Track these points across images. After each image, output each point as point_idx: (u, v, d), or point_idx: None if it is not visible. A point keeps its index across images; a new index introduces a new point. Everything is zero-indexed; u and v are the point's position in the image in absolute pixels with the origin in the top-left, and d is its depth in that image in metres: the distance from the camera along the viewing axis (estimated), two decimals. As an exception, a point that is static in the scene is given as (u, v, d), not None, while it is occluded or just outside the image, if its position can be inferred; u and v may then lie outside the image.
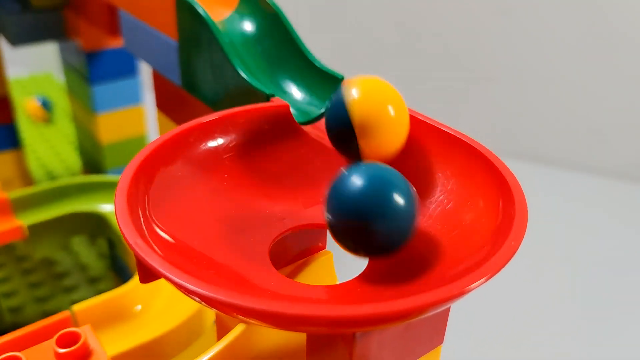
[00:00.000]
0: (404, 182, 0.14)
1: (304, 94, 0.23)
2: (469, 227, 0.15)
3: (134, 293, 0.26)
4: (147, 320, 0.26)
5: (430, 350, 0.17)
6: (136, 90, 0.42)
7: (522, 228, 0.14)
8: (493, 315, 0.44)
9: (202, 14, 0.23)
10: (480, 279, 0.12)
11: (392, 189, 0.14)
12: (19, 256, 0.39)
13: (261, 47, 0.24)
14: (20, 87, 0.63)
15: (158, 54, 0.28)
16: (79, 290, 0.36)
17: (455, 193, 0.17)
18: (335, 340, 0.15)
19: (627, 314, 0.45)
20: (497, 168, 0.16)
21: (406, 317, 0.12)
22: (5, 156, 0.43)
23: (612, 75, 0.64)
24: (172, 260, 0.14)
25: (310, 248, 0.20)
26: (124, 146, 0.42)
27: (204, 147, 0.18)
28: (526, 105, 0.69)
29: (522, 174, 0.18)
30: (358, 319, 0.12)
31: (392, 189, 0.14)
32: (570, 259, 0.51)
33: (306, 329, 0.13)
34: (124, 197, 0.15)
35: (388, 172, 0.14)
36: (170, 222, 0.16)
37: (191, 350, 0.26)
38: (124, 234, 0.14)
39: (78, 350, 0.20)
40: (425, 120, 0.18)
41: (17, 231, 0.31)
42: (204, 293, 0.12)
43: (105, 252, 0.39)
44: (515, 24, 0.66)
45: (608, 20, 0.62)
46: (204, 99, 0.25)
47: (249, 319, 0.12)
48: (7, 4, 0.38)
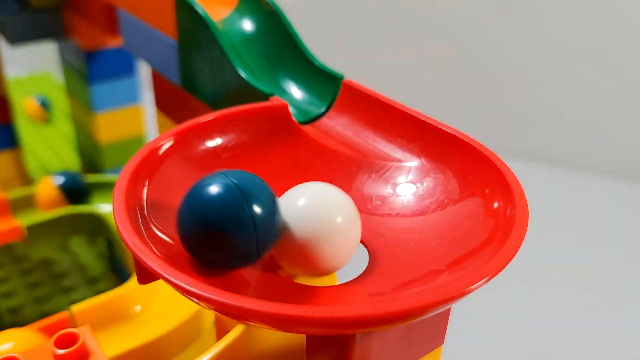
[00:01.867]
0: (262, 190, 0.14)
1: (303, 93, 0.23)
2: (470, 227, 0.15)
3: (133, 293, 0.26)
4: (146, 321, 0.25)
5: (430, 351, 0.17)
6: (135, 89, 0.42)
7: (522, 228, 0.14)
8: (494, 316, 0.44)
9: (202, 13, 0.23)
10: (481, 279, 0.12)
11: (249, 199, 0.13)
12: (18, 256, 0.39)
13: (261, 47, 0.24)
14: (19, 87, 0.63)
15: (157, 54, 0.28)
16: (77, 291, 0.36)
17: (455, 193, 0.17)
18: (334, 342, 0.15)
19: (627, 314, 0.45)
20: (498, 168, 0.16)
21: (406, 317, 0.12)
22: (4, 156, 0.43)
23: (612, 75, 0.64)
24: (170, 261, 0.14)
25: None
26: (123, 146, 0.42)
27: (202, 146, 0.18)
28: (526, 105, 0.69)
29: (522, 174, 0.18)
30: (358, 320, 0.11)
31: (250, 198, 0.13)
32: (571, 259, 0.51)
33: (306, 330, 0.12)
34: (122, 197, 0.15)
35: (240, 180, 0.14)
36: (169, 222, 0.16)
37: (190, 350, 0.26)
38: (122, 234, 0.14)
39: (77, 351, 0.20)
40: (425, 119, 0.18)
41: (16, 231, 0.31)
42: (202, 294, 0.12)
43: (104, 252, 0.39)
44: (515, 22, 0.66)
45: (608, 20, 0.62)
46: (203, 98, 0.25)
47: (248, 320, 0.12)
48: (6, 3, 0.38)
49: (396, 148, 0.19)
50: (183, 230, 0.14)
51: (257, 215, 0.13)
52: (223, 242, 0.13)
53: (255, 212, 0.13)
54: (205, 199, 0.13)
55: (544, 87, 0.68)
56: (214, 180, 0.13)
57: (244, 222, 0.13)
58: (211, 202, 0.13)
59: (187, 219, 0.13)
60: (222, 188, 0.13)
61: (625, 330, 0.44)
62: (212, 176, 0.14)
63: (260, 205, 0.13)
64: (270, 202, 0.14)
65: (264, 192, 0.14)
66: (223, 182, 0.13)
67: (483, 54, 0.69)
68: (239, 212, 0.13)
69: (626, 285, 0.48)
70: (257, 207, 0.13)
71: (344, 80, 0.21)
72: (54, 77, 0.66)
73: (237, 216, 0.13)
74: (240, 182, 0.13)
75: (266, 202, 0.14)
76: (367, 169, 0.19)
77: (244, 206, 0.13)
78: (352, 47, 0.74)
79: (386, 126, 0.19)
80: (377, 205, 0.17)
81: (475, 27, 0.68)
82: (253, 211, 0.13)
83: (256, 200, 0.13)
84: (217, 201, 0.13)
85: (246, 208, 0.13)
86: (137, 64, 0.42)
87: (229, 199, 0.13)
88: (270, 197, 0.14)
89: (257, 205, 0.13)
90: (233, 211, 0.13)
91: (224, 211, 0.13)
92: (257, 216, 0.13)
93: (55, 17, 0.39)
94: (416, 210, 0.17)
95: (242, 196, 0.13)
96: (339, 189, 0.15)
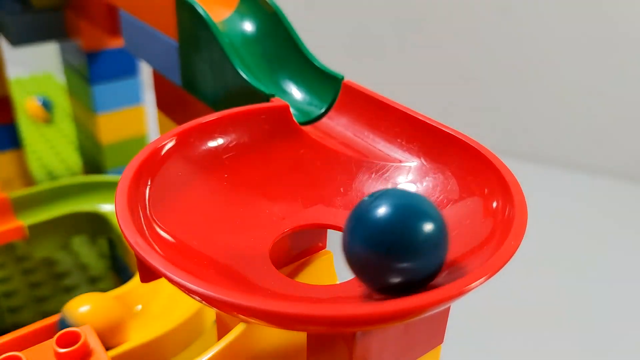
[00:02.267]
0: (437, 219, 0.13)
1: (304, 94, 0.23)
2: (469, 226, 0.15)
3: (134, 293, 0.26)
4: (147, 320, 0.26)
5: (430, 349, 0.17)
6: (136, 90, 0.42)
7: (521, 228, 0.14)
8: (493, 315, 0.44)
9: (202, 14, 0.23)
10: (479, 278, 0.12)
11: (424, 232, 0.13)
12: (19, 256, 0.39)
13: (261, 47, 0.24)
14: (20, 87, 0.63)
15: (158, 54, 0.28)
16: (79, 290, 0.36)
17: (455, 193, 0.17)
18: (335, 340, 0.15)
19: (627, 314, 0.45)
20: (497, 168, 0.16)
21: (406, 316, 0.12)
22: (6, 156, 0.43)
23: (612, 74, 0.64)
24: (173, 259, 0.14)
25: (310, 248, 0.20)
26: (124, 146, 0.42)
27: (204, 147, 0.18)
28: (526, 105, 0.69)
29: (522, 174, 0.18)
30: (358, 319, 0.12)
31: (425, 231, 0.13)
32: (570, 258, 0.51)
33: (306, 328, 0.13)
34: (124, 197, 0.15)
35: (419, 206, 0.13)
36: (171, 221, 0.16)
37: (192, 349, 0.26)
38: (125, 233, 0.14)
39: (78, 350, 0.20)
40: (425, 120, 0.18)
41: (18, 231, 0.31)
42: (204, 292, 0.12)
43: (105, 252, 0.39)
44: (515, 22, 0.66)
45: (608, 20, 0.62)
46: (204, 99, 0.25)
47: (249, 319, 0.12)
48: (7, 4, 0.38)
49: (396, 148, 0.19)
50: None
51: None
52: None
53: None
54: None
55: (543, 87, 0.68)
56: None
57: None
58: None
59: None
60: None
61: (625, 329, 0.44)
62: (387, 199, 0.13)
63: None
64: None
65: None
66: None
67: (483, 54, 0.69)
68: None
69: (626, 285, 0.48)
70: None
71: (344, 80, 0.21)
72: (56, 77, 0.66)
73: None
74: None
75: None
76: (367, 169, 0.19)
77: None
78: (352, 48, 0.74)
79: (386, 126, 0.19)
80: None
81: (475, 26, 0.68)
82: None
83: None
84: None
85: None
86: (139, 65, 0.42)
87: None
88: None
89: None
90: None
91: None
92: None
93: (57, 17, 0.39)
94: (416, 210, 0.17)
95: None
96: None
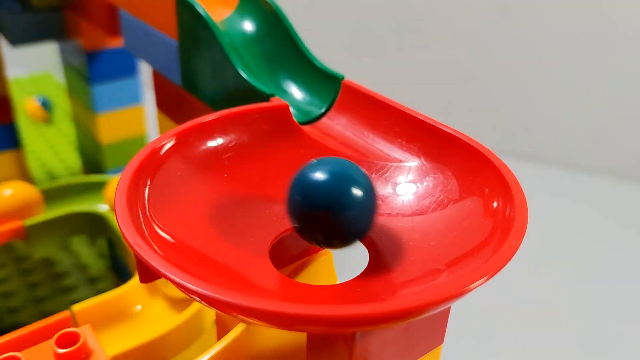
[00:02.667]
0: (363, 176, 0.15)
1: (304, 93, 0.23)
2: (469, 227, 0.15)
3: (134, 293, 0.26)
4: (147, 320, 0.25)
5: (430, 350, 0.17)
6: (136, 90, 0.42)
7: (522, 228, 0.14)
8: (493, 315, 0.44)
9: (202, 13, 0.23)
10: (480, 278, 0.12)
11: (352, 183, 0.15)
12: (19, 256, 0.39)
13: (261, 47, 0.24)
14: (20, 87, 0.63)
15: (158, 54, 0.28)
16: (78, 291, 0.36)
17: (455, 193, 0.17)
18: (335, 340, 0.15)
19: (627, 314, 0.45)
20: (498, 168, 0.16)
21: (406, 316, 0.12)
22: (5, 156, 0.43)
23: (612, 74, 0.64)
24: (172, 259, 0.14)
25: (310, 248, 0.20)
26: (124, 146, 0.42)
27: (203, 147, 0.18)
28: (526, 105, 0.69)
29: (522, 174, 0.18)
30: (358, 319, 0.12)
31: (352, 182, 0.15)
32: (570, 258, 0.51)
33: (306, 328, 0.13)
34: (123, 197, 0.15)
35: (348, 166, 0.15)
36: (170, 221, 0.16)
37: (191, 350, 0.26)
38: (124, 233, 0.14)
39: (78, 350, 0.20)
40: (425, 120, 0.18)
41: (17, 231, 0.31)
42: (204, 292, 0.12)
43: (105, 252, 0.39)
44: (515, 22, 0.66)
45: (608, 20, 0.62)
46: (204, 98, 0.25)
47: (249, 319, 0.12)
48: (7, 4, 0.38)
49: (396, 148, 0.19)
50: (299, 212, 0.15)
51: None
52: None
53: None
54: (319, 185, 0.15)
55: (543, 87, 0.68)
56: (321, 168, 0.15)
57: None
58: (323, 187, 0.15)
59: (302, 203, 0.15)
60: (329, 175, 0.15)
61: (625, 329, 0.44)
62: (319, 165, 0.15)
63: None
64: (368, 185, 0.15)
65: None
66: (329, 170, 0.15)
67: (482, 54, 0.69)
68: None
69: (626, 285, 0.48)
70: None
71: (344, 80, 0.21)
72: (55, 77, 0.66)
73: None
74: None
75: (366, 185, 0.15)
76: (367, 169, 0.19)
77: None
78: (352, 47, 0.74)
79: (386, 126, 0.19)
80: (377, 204, 0.17)
81: (474, 26, 0.68)
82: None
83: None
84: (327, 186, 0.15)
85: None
86: (138, 65, 0.42)
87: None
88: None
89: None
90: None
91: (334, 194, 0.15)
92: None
93: (57, 17, 0.39)
94: (416, 210, 0.17)
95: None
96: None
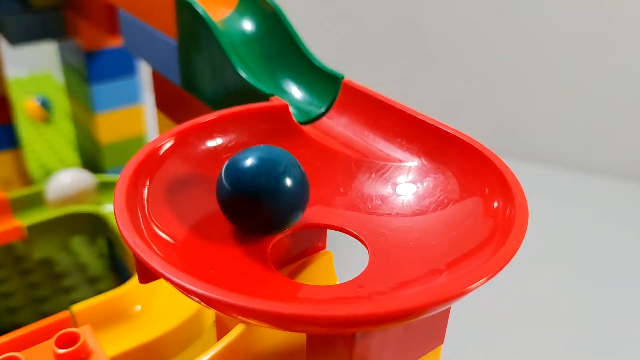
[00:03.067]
0: (292, 164, 0.15)
1: (303, 93, 0.23)
2: (469, 226, 0.15)
3: (134, 293, 0.26)
4: (147, 321, 0.25)
5: (430, 350, 0.17)
6: (135, 89, 0.42)
7: (522, 228, 0.14)
8: (493, 316, 0.44)
9: (202, 13, 0.23)
10: (480, 278, 0.12)
11: (280, 171, 0.15)
12: (18, 256, 0.39)
13: (261, 47, 0.24)
14: (19, 87, 0.63)
15: (158, 54, 0.28)
16: (78, 291, 0.36)
17: (455, 193, 0.17)
18: (335, 341, 0.15)
19: (627, 314, 0.45)
20: (498, 168, 0.16)
21: (406, 317, 0.12)
22: (5, 156, 0.43)
23: (612, 74, 0.64)
24: (172, 260, 0.14)
25: (310, 248, 0.20)
26: (123, 146, 0.42)
27: (203, 146, 0.18)
28: (526, 105, 0.69)
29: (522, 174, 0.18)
30: (358, 319, 0.12)
31: (281, 170, 0.15)
32: (571, 258, 0.51)
33: (306, 329, 0.12)
34: (122, 197, 0.15)
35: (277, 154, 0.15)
36: (170, 222, 0.16)
37: (191, 350, 0.26)
38: (123, 234, 0.14)
39: (77, 350, 0.20)
40: (425, 119, 0.18)
41: (16, 231, 0.31)
42: (203, 293, 0.12)
43: (104, 252, 0.39)
44: (515, 22, 0.66)
45: (608, 20, 0.62)
46: (203, 98, 0.25)
47: (248, 319, 0.12)
48: (7, 3, 0.38)
49: (396, 148, 0.19)
50: (226, 199, 0.15)
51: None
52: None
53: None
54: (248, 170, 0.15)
55: (543, 87, 0.68)
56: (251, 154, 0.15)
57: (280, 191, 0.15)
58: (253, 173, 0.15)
59: (230, 189, 0.15)
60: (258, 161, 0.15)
61: (625, 329, 0.44)
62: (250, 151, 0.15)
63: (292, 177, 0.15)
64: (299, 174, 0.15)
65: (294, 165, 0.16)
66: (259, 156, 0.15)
67: (482, 54, 0.69)
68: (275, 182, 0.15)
69: (626, 285, 0.48)
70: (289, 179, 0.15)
71: (344, 80, 0.21)
72: (55, 77, 0.66)
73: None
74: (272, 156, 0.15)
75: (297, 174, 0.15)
76: (367, 168, 0.19)
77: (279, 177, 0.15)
78: (352, 47, 0.74)
79: (386, 126, 0.19)
80: (377, 204, 0.17)
81: (474, 26, 0.68)
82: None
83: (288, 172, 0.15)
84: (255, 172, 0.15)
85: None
86: (138, 64, 0.42)
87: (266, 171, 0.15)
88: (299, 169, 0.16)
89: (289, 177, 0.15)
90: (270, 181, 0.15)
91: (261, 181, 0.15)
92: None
93: (56, 17, 0.39)
94: (416, 210, 0.17)
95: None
96: None
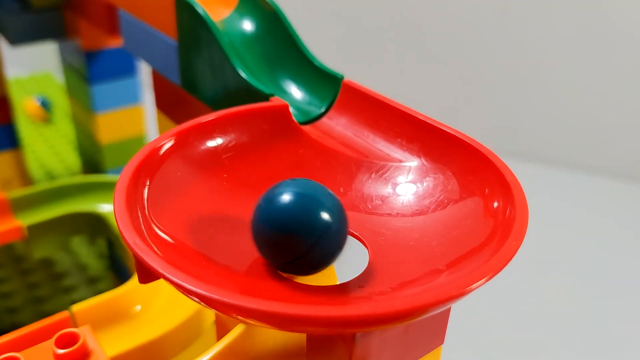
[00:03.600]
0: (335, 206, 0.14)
1: (303, 93, 0.23)
2: (469, 227, 0.15)
3: (134, 293, 0.26)
4: (147, 321, 0.25)
5: (430, 350, 0.17)
6: (135, 90, 0.42)
7: (522, 228, 0.14)
8: (493, 316, 0.44)
9: (202, 13, 0.23)
10: (480, 279, 0.12)
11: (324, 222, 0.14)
12: (18, 256, 0.39)
13: (261, 47, 0.24)
14: (19, 87, 0.63)
15: (157, 54, 0.28)
16: (78, 291, 0.36)
17: (455, 193, 0.17)
18: (335, 341, 0.15)
19: (627, 314, 0.45)
20: (498, 168, 0.16)
21: (406, 317, 0.12)
22: (5, 156, 0.43)
23: (612, 74, 0.64)
24: (172, 260, 0.14)
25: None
26: (123, 146, 0.42)
27: (203, 147, 0.18)
28: (526, 105, 0.69)
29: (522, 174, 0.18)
30: (358, 319, 0.11)
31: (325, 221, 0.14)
32: (571, 259, 0.51)
33: (306, 329, 0.12)
34: (123, 197, 0.15)
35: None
36: (170, 222, 0.16)
37: (191, 350, 0.26)
38: (123, 234, 0.14)
39: (77, 350, 0.20)
40: (425, 119, 0.18)
41: (16, 231, 0.31)
42: (203, 293, 0.12)
43: (104, 252, 0.39)
44: (515, 22, 0.66)
45: (608, 20, 0.62)
46: (203, 98, 0.25)
47: (248, 320, 0.12)
48: (7, 3, 0.38)
49: (396, 148, 0.19)
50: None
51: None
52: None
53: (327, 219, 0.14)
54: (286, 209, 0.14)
55: (543, 87, 0.68)
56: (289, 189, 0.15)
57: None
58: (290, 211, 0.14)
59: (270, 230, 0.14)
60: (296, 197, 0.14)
61: (625, 329, 0.44)
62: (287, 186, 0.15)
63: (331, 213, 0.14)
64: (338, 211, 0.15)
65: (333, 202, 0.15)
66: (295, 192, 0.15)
67: (482, 54, 0.69)
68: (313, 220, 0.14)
69: (626, 285, 0.48)
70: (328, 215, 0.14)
71: (344, 80, 0.21)
72: (55, 77, 0.66)
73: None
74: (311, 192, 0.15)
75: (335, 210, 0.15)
76: (367, 169, 0.19)
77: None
78: (352, 47, 0.74)
79: (386, 126, 0.19)
80: (377, 204, 0.17)
81: (474, 26, 0.68)
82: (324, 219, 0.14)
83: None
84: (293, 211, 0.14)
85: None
86: (138, 64, 0.42)
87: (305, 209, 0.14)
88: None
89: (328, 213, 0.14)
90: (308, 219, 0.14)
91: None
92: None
93: (56, 17, 0.39)
94: (416, 210, 0.17)
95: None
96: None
